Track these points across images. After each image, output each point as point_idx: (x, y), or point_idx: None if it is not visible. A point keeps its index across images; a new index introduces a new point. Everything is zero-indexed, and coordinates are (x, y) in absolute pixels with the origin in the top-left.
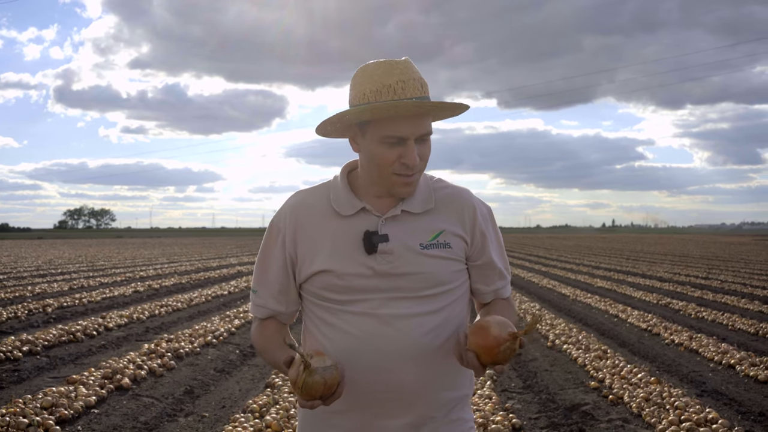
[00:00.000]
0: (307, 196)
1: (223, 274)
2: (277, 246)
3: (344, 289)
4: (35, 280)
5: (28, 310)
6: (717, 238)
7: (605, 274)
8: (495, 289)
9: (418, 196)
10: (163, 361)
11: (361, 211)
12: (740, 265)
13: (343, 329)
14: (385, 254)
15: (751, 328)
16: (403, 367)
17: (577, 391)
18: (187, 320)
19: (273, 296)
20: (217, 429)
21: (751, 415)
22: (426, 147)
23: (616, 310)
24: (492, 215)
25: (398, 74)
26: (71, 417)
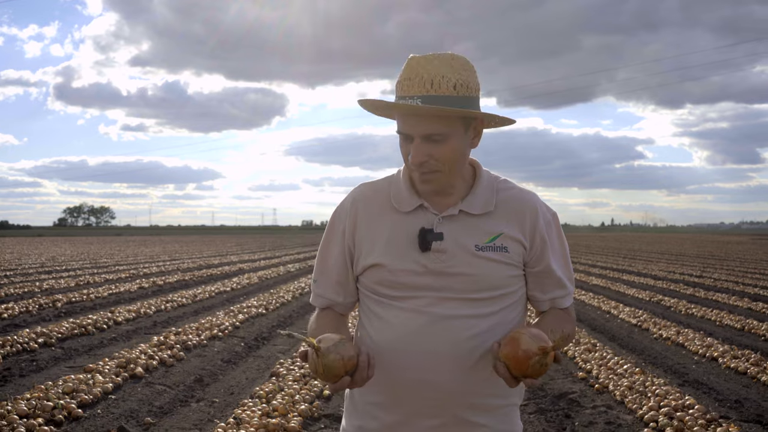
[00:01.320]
0: (368, 189)
1: (225, 271)
2: (337, 237)
3: (396, 285)
4: (41, 277)
5: (39, 305)
6: (715, 237)
7: (601, 272)
8: (552, 298)
9: (480, 197)
10: (172, 352)
11: (419, 208)
12: (735, 264)
13: (390, 323)
14: (439, 253)
15: (737, 324)
16: (443, 367)
17: (566, 380)
18: (192, 315)
19: (332, 286)
20: (227, 413)
21: (727, 402)
22: (443, 147)
23: (609, 307)
24: (557, 221)
25: (409, 70)
26: (91, 401)
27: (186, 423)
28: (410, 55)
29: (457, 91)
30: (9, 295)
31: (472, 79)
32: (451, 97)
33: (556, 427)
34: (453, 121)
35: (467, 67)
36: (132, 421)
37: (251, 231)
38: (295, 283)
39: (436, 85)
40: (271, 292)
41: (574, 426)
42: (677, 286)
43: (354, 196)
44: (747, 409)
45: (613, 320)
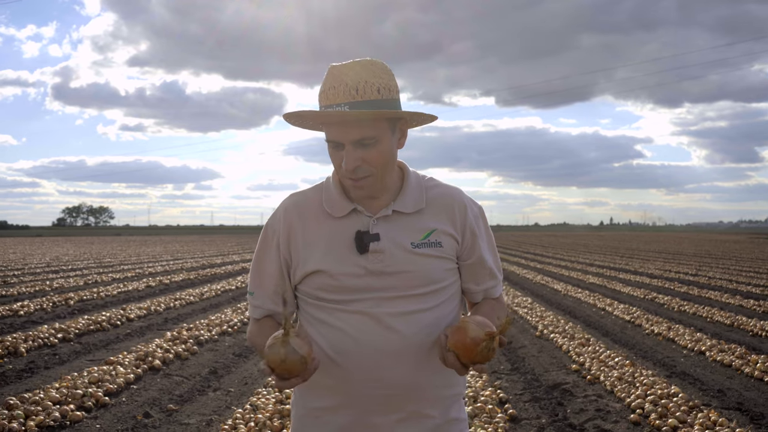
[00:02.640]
0: (299, 198)
1: (228, 270)
2: (272, 248)
3: (338, 289)
4: (49, 276)
5: (53, 303)
6: (713, 236)
7: (598, 270)
8: (485, 289)
9: (410, 196)
10: (186, 346)
11: (352, 212)
12: (731, 263)
13: (337, 328)
14: (377, 253)
15: (727, 320)
16: (396, 364)
17: (560, 372)
18: (201, 312)
19: (269, 297)
20: (243, 400)
21: (710, 392)
22: (372, 152)
23: (604, 304)
24: (483, 214)
25: (332, 78)
26: (116, 390)
27: (205, 410)
28: (330, 64)
29: (381, 94)
30: (22, 294)
31: (393, 82)
32: (377, 101)
33: (549, 414)
34: (381, 125)
35: (386, 70)
36: (155, 407)
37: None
38: None
39: (361, 91)
40: None
41: (565, 413)
42: (672, 284)
43: (286, 206)
44: (729, 398)
45: (607, 317)
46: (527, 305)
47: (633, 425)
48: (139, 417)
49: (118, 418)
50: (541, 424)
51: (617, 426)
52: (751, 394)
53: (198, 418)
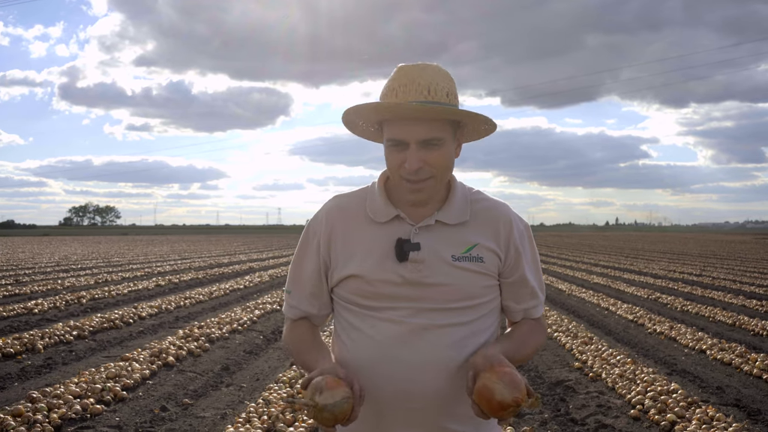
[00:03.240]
0: (343, 200)
1: (236, 269)
2: (312, 249)
3: (373, 295)
4: (60, 275)
5: (66, 301)
6: (719, 236)
7: (602, 270)
8: (525, 308)
9: (455, 207)
10: (198, 343)
11: (395, 219)
12: (735, 263)
13: (368, 335)
14: (416, 263)
15: (729, 320)
16: (425, 377)
17: (563, 370)
18: (210, 311)
19: (305, 298)
20: (255, 395)
21: (709, 389)
22: (436, 154)
23: (608, 304)
24: (530, 232)
25: (404, 77)
26: (132, 385)
27: (219, 404)
28: (399, 64)
29: (449, 99)
30: (34, 292)
31: (456, 91)
32: (446, 104)
33: (552, 409)
34: (446, 128)
35: (451, 78)
36: (171, 401)
37: (256, 230)
38: None
39: (433, 92)
40: (283, 290)
41: (567, 408)
42: (676, 284)
43: (328, 209)
44: (727, 395)
45: (610, 316)
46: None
47: (633, 420)
48: (156, 410)
49: (136, 412)
50: (543, 419)
51: (617, 421)
52: (750, 391)
53: (213, 411)
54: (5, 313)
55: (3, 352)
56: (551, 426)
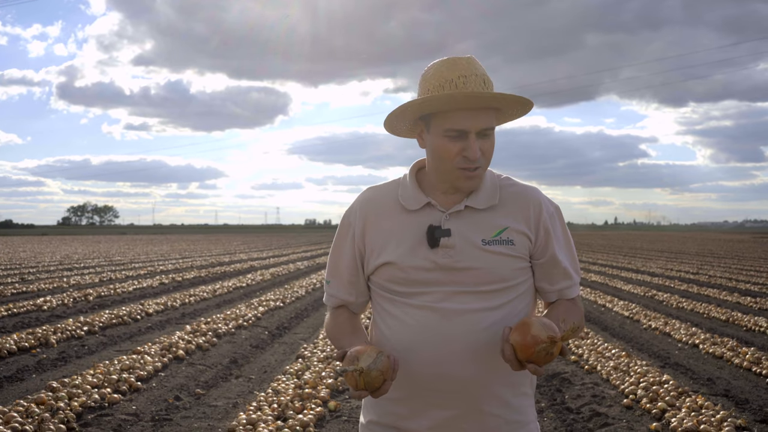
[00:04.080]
0: (376, 192)
1: (237, 268)
2: (348, 240)
3: (407, 282)
4: (64, 273)
5: (73, 299)
6: (717, 235)
7: (600, 269)
8: (559, 289)
9: (483, 192)
10: (206, 338)
11: (426, 206)
12: (732, 262)
13: (404, 321)
14: (447, 248)
15: (723, 316)
16: (458, 360)
17: (559, 363)
18: (215, 308)
19: (343, 287)
20: (264, 386)
21: (700, 380)
22: (489, 142)
23: (604, 301)
24: (560, 213)
25: (460, 69)
26: (146, 377)
27: (230, 394)
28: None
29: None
30: (41, 290)
31: None
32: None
33: (548, 399)
34: (494, 116)
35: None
36: (184, 392)
37: (255, 230)
38: (306, 279)
39: (488, 83)
40: (285, 287)
41: (563, 398)
42: (672, 282)
43: (362, 199)
44: (717, 386)
45: (607, 313)
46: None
47: (625, 409)
48: (170, 400)
49: (151, 401)
50: (540, 408)
51: (611, 410)
52: (739, 382)
53: (224, 401)
54: (15, 310)
55: (18, 346)
56: (547, 414)
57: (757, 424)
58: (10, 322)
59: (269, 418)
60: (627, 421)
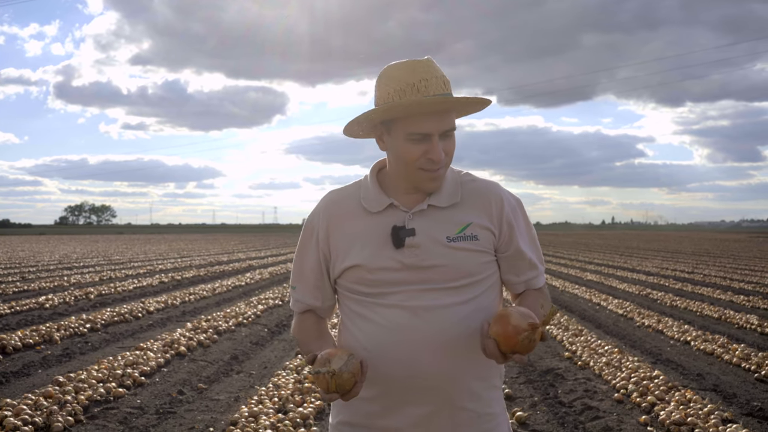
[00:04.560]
0: (338, 195)
1: (235, 267)
2: (312, 244)
3: (375, 283)
4: (64, 272)
5: (74, 297)
6: (714, 235)
7: (596, 268)
8: (526, 280)
9: (445, 191)
10: (207, 335)
11: (389, 207)
12: (727, 261)
13: (375, 321)
14: (413, 248)
15: (715, 314)
16: (432, 356)
17: (553, 359)
18: (215, 306)
19: (309, 291)
20: (264, 381)
21: (690, 375)
22: (450, 142)
23: (599, 299)
24: (522, 206)
25: (421, 73)
26: (149, 372)
27: (232, 388)
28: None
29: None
30: (42, 289)
31: None
32: (452, 93)
33: (542, 393)
34: (454, 118)
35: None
36: (187, 386)
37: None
38: None
39: (448, 86)
40: (284, 286)
41: (556, 392)
42: (667, 281)
43: (325, 203)
44: (707, 381)
45: (602, 311)
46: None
47: (616, 403)
48: (174, 394)
49: (155, 395)
50: (533, 402)
51: (602, 403)
52: (728, 377)
53: (226, 395)
54: (18, 308)
55: (23, 343)
56: (540, 408)
57: (743, 417)
58: (13, 320)
59: (270, 411)
60: (617, 415)
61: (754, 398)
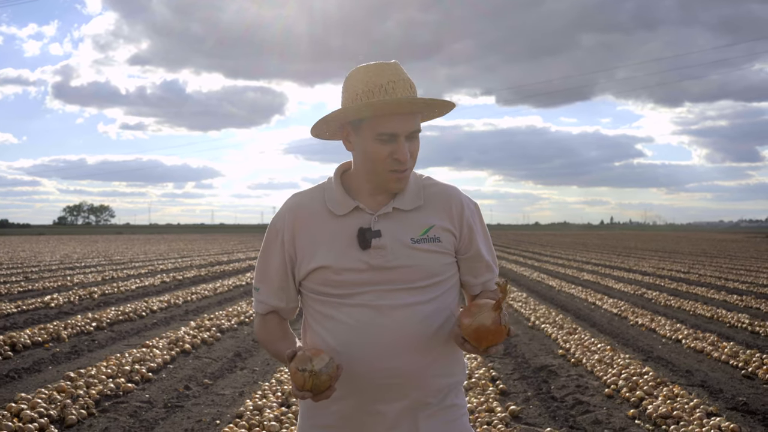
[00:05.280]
0: (303, 198)
1: (236, 267)
2: (277, 246)
3: (341, 284)
4: (66, 272)
5: (79, 296)
6: (712, 235)
7: (593, 268)
8: (483, 282)
9: (409, 194)
10: (210, 333)
11: (354, 210)
12: (724, 261)
13: (341, 321)
14: (379, 249)
15: (708, 313)
16: (398, 354)
17: (547, 356)
18: (216, 305)
19: (274, 293)
20: (267, 377)
21: (679, 372)
22: (415, 144)
23: (595, 299)
24: (479, 211)
25: (388, 75)
26: (156, 368)
27: (236, 384)
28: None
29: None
30: (46, 288)
31: None
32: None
33: (535, 389)
34: (419, 120)
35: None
36: (193, 382)
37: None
38: None
39: (413, 89)
40: None
41: (549, 388)
42: (663, 281)
43: (290, 206)
44: (695, 377)
45: (596, 310)
46: (522, 300)
47: (607, 398)
48: (180, 389)
49: (163, 390)
50: (527, 397)
51: (593, 398)
52: (716, 374)
53: (231, 390)
54: (25, 307)
55: (32, 341)
56: (533, 402)
57: (727, 410)
58: (20, 319)
59: (274, 405)
60: (607, 409)
61: (740, 393)
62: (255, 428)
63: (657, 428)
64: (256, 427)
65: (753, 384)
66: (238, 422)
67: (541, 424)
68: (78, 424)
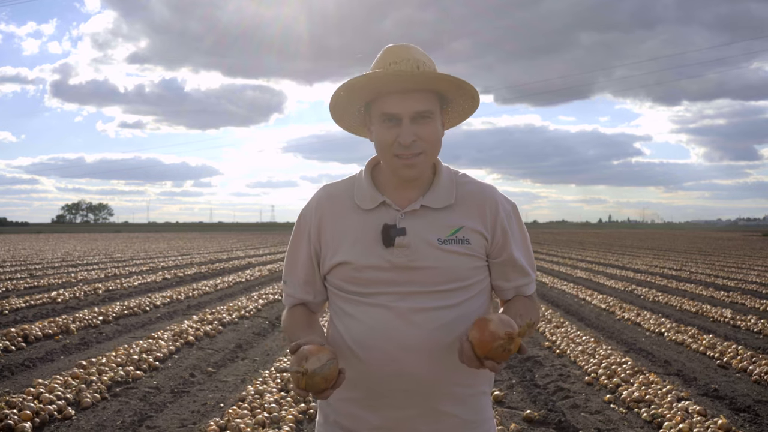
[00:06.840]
0: (332, 189)
1: (235, 265)
2: (304, 239)
3: (362, 281)
4: (69, 270)
5: (84, 292)
6: (709, 233)
7: (587, 266)
8: (516, 286)
9: (440, 191)
10: (212, 326)
11: (381, 205)
12: (717, 258)
13: (359, 320)
14: (403, 248)
15: (693, 308)
16: (415, 359)
17: (534, 348)
18: (218, 301)
19: (300, 286)
20: (268, 366)
21: (658, 362)
22: (427, 128)
23: (585, 295)
24: (517, 211)
25: (394, 56)
26: (162, 358)
27: (238, 372)
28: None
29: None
30: (52, 285)
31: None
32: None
33: (519, 377)
34: (434, 101)
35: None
36: (197, 370)
37: (249, 228)
38: None
39: (423, 67)
40: None
41: (533, 376)
42: (654, 277)
43: (318, 198)
44: (672, 367)
45: (586, 305)
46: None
47: (586, 385)
48: (186, 376)
49: (170, 377)
50: (511, 384)
51: (574, 386)
52: (693, 364)
53: (233, 378)
54: (33, 302)
55: (43, 333)
56: (517, 389)
57: (698, 396)
58: (29, 313)
59: (274, 390)
60: (585, 395)
61: (712, 381)
62: (257, 410)
63: (629, 411)
64: (258, 409)
65: (726, 373)
66: (240, 405)
67: (522, 408)
68: (93, 406)
